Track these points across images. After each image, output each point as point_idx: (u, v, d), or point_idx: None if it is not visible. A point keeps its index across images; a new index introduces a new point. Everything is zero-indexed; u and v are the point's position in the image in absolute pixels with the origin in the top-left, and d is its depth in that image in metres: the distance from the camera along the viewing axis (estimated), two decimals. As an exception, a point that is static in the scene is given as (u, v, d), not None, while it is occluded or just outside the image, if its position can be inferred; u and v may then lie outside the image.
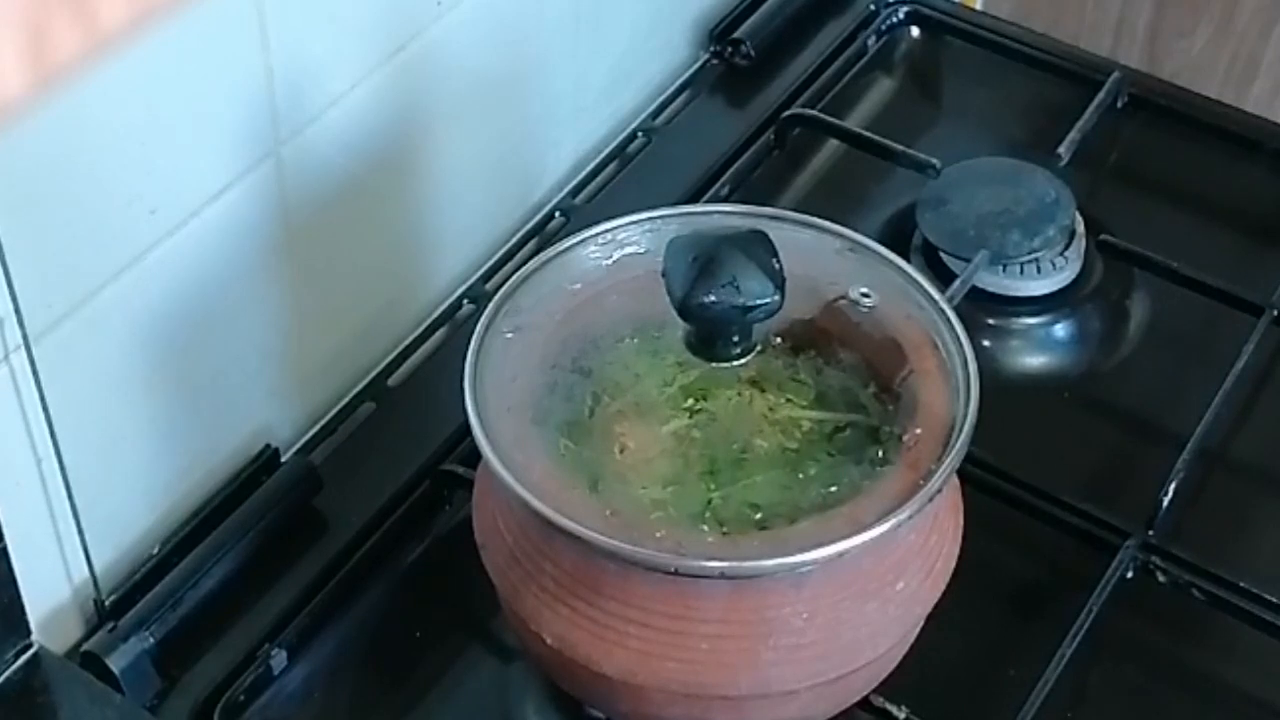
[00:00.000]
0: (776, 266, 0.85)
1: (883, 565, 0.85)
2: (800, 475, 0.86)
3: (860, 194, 1.22)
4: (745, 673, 0.84)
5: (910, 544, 0.86)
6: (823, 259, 0.93)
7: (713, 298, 0.84)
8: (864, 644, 0.85)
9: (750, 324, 0.86)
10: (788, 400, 0.89)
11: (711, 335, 0.87)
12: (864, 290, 0.91)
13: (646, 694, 0.85)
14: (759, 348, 0.88)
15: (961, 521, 0.90)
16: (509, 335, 0.89)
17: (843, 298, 0.91)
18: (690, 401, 0.88)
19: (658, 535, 0.81)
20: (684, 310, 0.85)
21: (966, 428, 0.85)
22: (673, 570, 0.80)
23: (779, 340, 0.90)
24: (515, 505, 0.84)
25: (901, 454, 0.85)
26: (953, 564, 0.88)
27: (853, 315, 0.91)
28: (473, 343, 0.88)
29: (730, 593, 0.82)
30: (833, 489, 0.85)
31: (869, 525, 0.81)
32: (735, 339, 0.87)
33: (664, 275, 0.85)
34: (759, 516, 0.84)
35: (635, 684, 0.84)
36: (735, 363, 0.87)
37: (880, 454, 0.86)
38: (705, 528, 0.83)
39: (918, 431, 0.85)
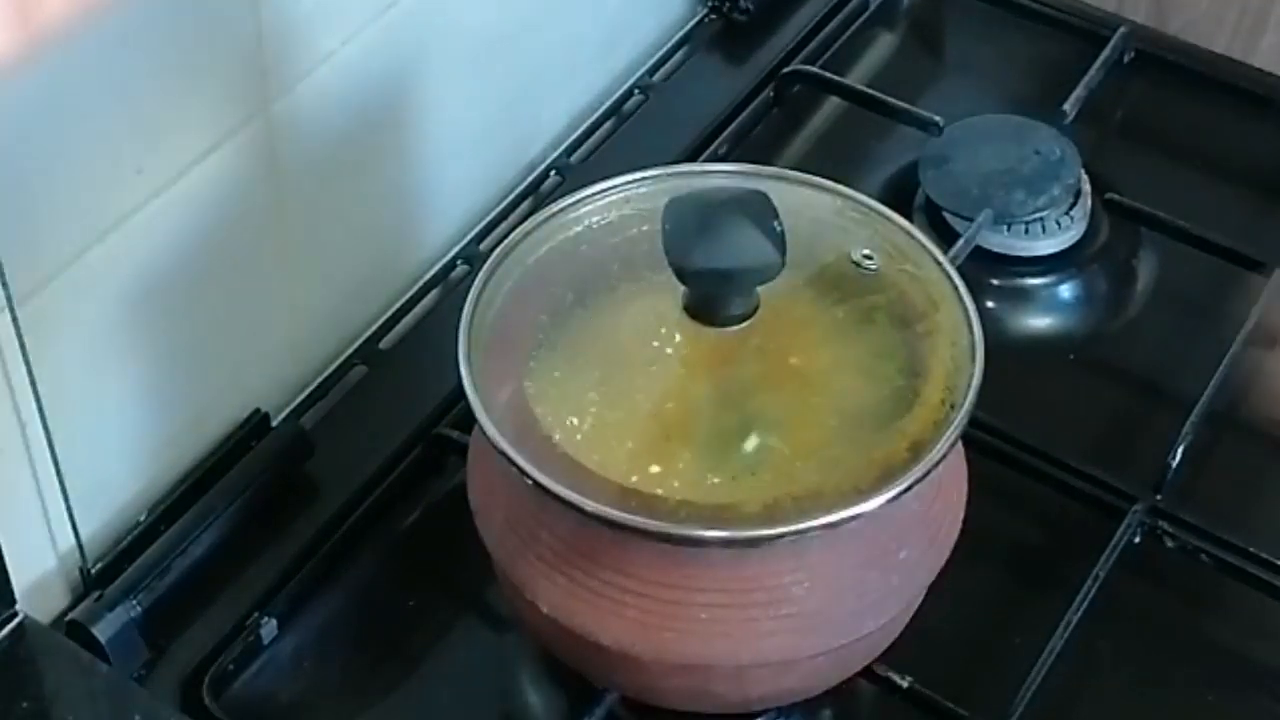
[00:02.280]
0: (778, 229, 0.83)
1: (885, 534, 0.84)
2: (803, 441, 0.84)
3: (861, 152, 1.21)
4: (745, 643, 0.83)
5: (913, 512, 0.85)
6: (824, 219, 0.91)
7: (712, 262, 0.82)
8: (866, 613, 0.84)
9: (751, 288, 0.85)
10: (790, 364, 0.87)
11: (711, 299, 0.85)
12: (866, 253, 0.89)
13: (644, 665, 0.84)
14: (758, 310, 0.86)
15: (966, 488, 0.89)
16: (504, 297, 0.88)
17: (846, 259, 0.90)
18: (693, 364, 0.87)
19: (657, 501, 0.80)
20: (682, 274, 0.83)
21: (971, 395, 0.83)
22: (671, 538, 0.79)
23: (779, 303, 0.89)
24: (510, 472, 0.83)
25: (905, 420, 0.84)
26: (956, 532, 0.87)
27: (855, 277, 0.89)
28: (467, 304, 0.87)
29: (730, 562, 0.82)
30: (836, 454, 0.83)
31: (870, 494, 0.80)
32: (735, 303, 0.85)
33: (662, 238, 0.84)
34: (761, 484, 0.82)
35: (633, 655, 0.83)
36: (735, 327, 0.86)
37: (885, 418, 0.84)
38: (705, 495, 0.82)
39: (921, 396, 0.84)
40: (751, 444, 0.84)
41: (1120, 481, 1.00)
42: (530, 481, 0.81)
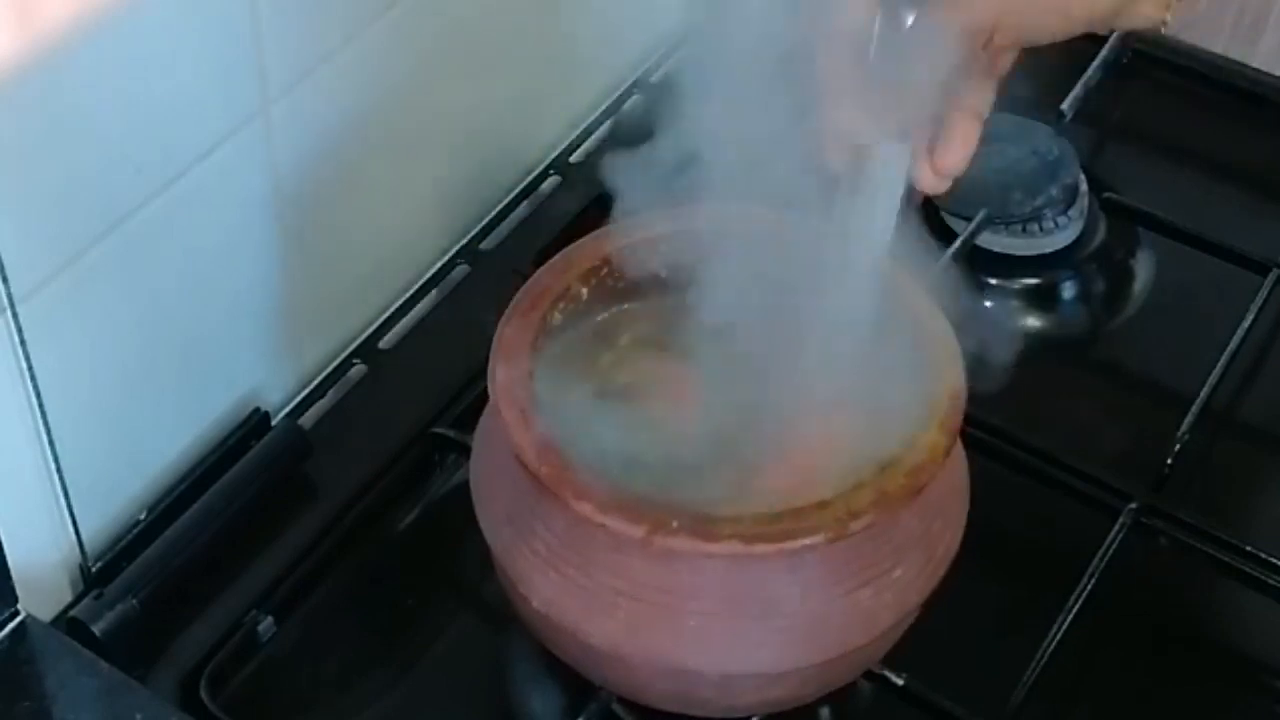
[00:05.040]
0: None
1: (881, 552, 0.84)
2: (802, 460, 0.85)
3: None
4: (733, 651, 0.83)
5: (911, 531, 0.85)
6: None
7: None
8: (855, 630, 0.84)
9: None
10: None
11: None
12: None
13: (632, 666, 0.84)
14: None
15: (967, 504, 0.89)
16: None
17: None
18: (696, 379, 0.88)
19: (651, 508, 0.80)
20: None
21: (956, 418, 0.84)
22: (661, 545, 0.79)
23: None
24: (512, 461, 0.83)
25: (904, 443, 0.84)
26: (955, 550, 0.87)
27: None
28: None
29: (722, 571, 0.81)
30: (834, 473, 0.83)
31: (861, 514, 0.80)
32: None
33: None
34: (758, 499, 0.83)
35: (620, 655, 0.84)
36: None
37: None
38: (701, 506, 0.82)
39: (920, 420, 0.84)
40: (751, 460, 0.85)
41: (1117, 480, 1.00)
42: (529, 475, 0.81)
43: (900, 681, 0.91)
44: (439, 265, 1.13)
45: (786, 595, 0.82)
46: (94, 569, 0.94)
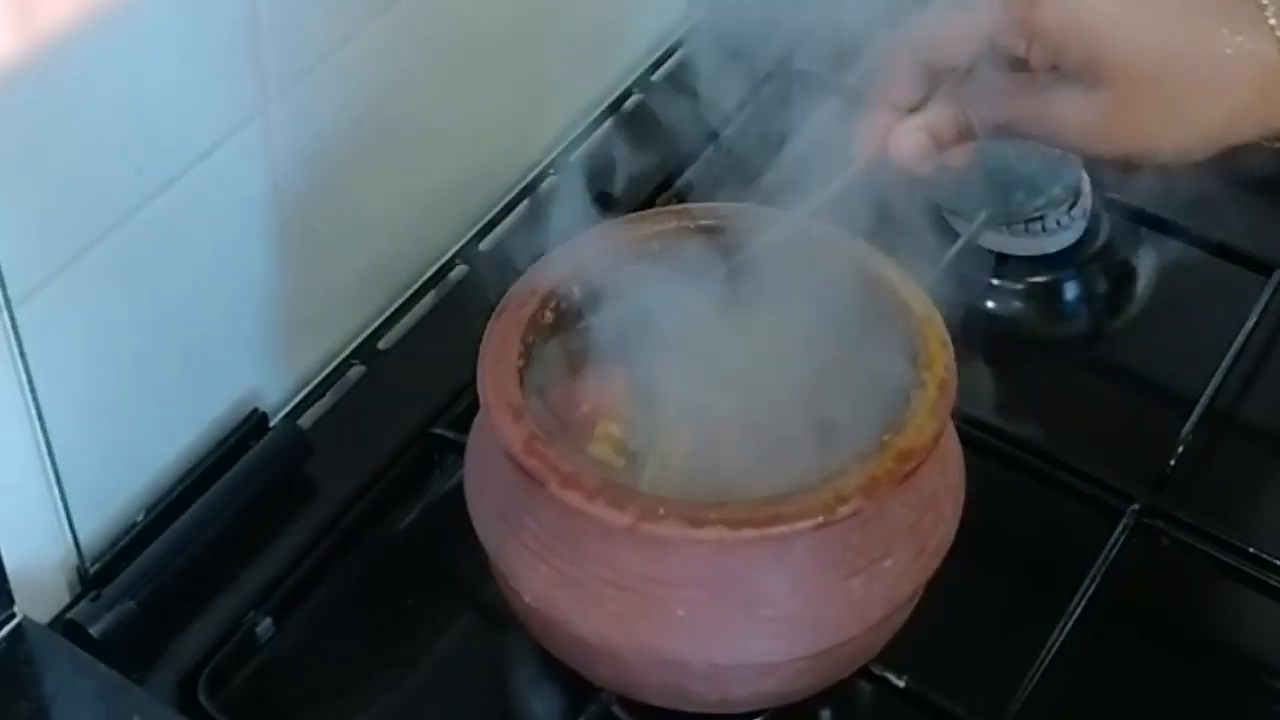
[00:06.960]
0: None
1: (870, 541, 0.83)
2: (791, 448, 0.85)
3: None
4: (722, 642, 0.83)
5: (900, 521, 0.84)
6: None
7: None
8: (847, 620, 0.84)
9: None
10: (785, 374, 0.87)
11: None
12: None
13: (623, 658, 0.84)
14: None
15: (962, 500, 0.88)
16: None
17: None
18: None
19: (638, 496, 0.81)
20: None
21: (944, 412, 0.84)
22: (648, 532, 0.79)
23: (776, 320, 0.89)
24: (503, 458, 0.83)
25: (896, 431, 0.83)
26: (948, 544, 0.87)
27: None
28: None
29: (710, 560, 0.81)
30: (825, 461, 0.83)
31: (848, 501, 0.80)
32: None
33: None
34: (748, 486, 0.83)
35: (611, 647, 0.83)
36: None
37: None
38: (689, 493, 0.83)
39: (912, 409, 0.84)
40: (741, 446, 0.85)
41: (1119, 481, 1.00)
42: (519, 468, 0.81)
43: (901, 683, 0.91)
44: (438, 265, 1.13)
45: (775, 584, 0.82)
46: (92, 570, 0.94)
